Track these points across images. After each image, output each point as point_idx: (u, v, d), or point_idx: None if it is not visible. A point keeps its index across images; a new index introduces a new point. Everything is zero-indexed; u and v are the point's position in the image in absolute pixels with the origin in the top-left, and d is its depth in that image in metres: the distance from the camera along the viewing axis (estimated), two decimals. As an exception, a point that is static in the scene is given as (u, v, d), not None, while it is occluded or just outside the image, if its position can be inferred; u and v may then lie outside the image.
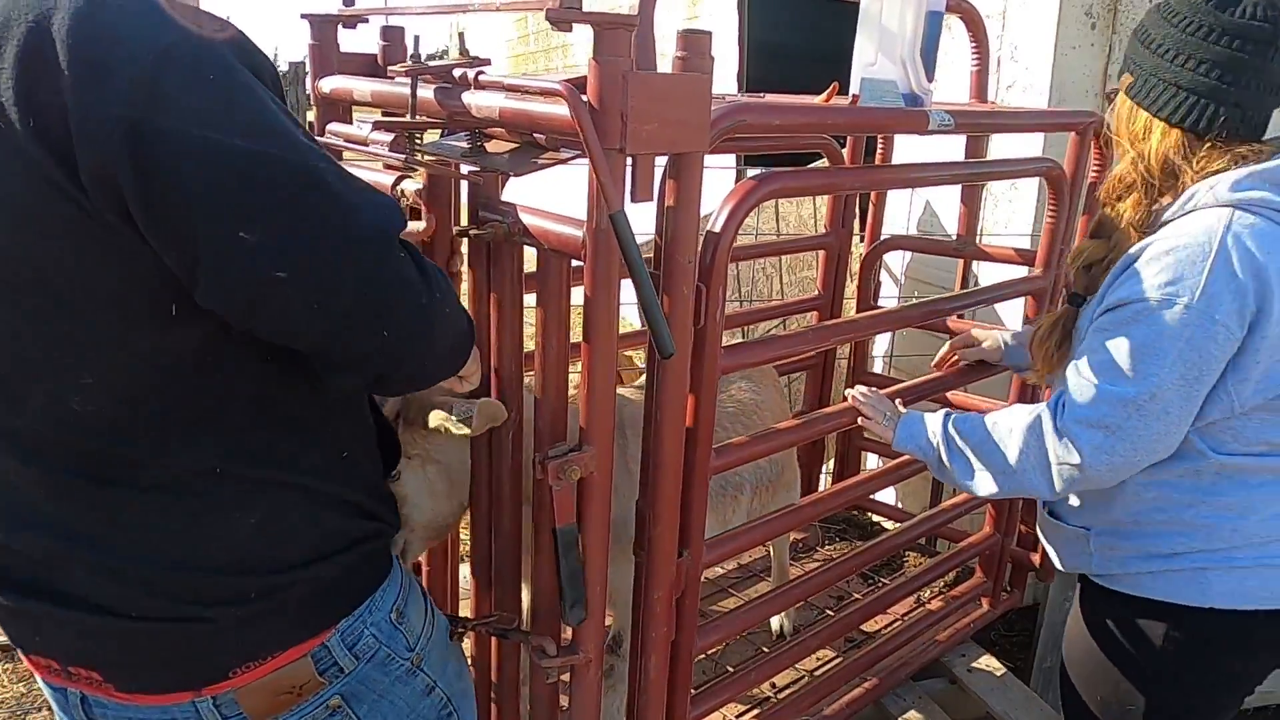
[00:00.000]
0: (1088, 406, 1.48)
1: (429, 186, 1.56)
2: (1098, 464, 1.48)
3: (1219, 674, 1.61)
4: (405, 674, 1.25)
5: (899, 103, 1.76)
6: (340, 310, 0.99)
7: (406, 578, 1.32)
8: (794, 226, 4.04)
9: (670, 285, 1.36)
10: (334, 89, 1.71)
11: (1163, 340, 1.41)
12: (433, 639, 1.32)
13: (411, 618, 1.28)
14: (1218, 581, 1.54)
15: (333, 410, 1.17)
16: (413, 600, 1.30)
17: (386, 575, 1.25)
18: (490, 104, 1.32)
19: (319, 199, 0.95)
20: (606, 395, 1.36)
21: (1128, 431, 1.45)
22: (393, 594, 1.25)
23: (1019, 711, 2.37)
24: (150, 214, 0.89)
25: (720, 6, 5.45)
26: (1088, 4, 2.76)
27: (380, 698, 1.22)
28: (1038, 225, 2.84)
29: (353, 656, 1.19)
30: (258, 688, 1.13)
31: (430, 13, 1.62)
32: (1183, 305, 1.40)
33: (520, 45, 10.40)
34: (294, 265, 0.94)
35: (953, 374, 2.19)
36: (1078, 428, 1.49)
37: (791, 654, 2.08)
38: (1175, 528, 1.56)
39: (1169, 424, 1.45)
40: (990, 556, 2.56)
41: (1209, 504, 1.53)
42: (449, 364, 1.25)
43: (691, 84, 1.24)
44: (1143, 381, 1.43)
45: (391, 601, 1.25)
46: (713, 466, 1.59)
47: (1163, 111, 1.50)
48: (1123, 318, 1.46)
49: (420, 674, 1.28)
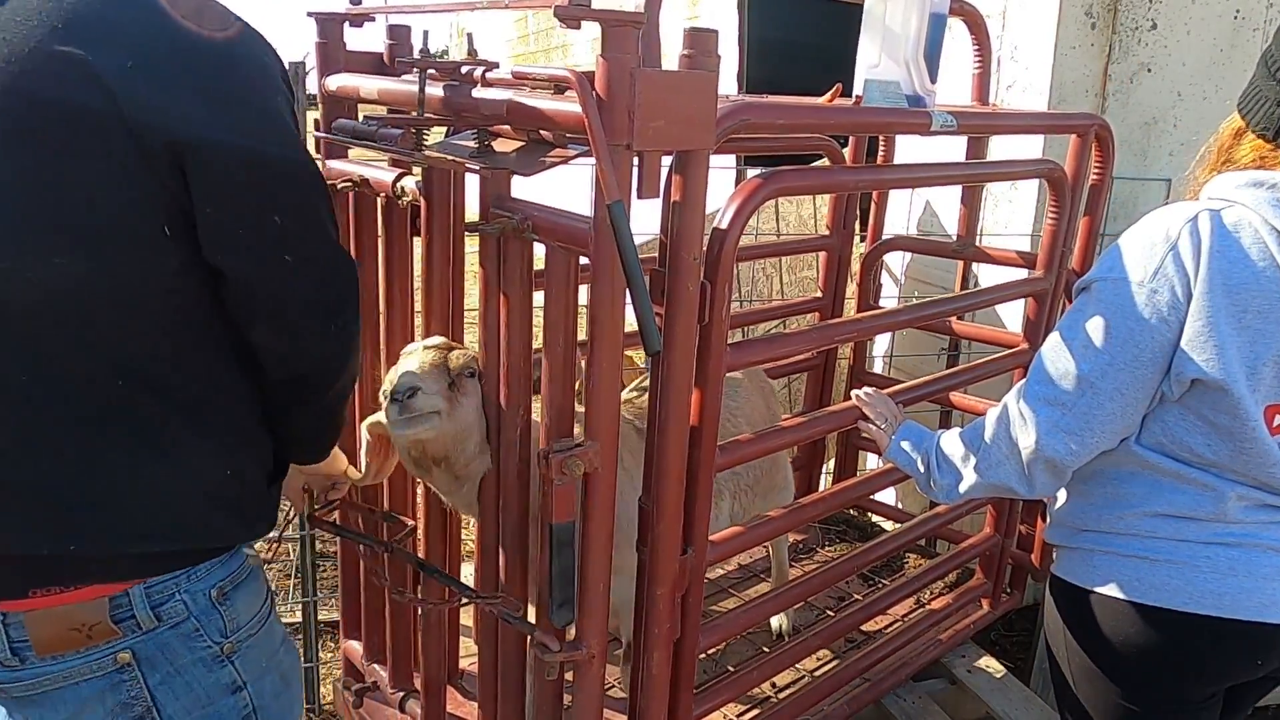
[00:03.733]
0: (1044, 384, 1.47)
1: (426, 181, 1.57)
2: (1053, 442, 1.45)
3: (1123, 665, 1.55)
4: (211, 659, 1.24)
5: (902, 104, 1.76)
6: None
7: (251, 569, 1.31)
8: (794, 227, 4.04)
9: (675, 282, 1.37)
10: (340, 86, 1.71)
11: (1113, 318, 1.41)
12: (258, 642, 1.30)
13: (238, 606, 1.27)
14: (1102, 565, 1.53)
15: (213, 389, 1.20)
16: (247, 592, 1.29)
17: (222, 553, 1.25)
18: (498, 100, 1.32)
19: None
20: (612, 391, 1.36)
21: (1080, 409, 1.44)
22: (222, 573, 1.25)
23: (1019, 711, 2.37)
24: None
25: (720, 6, 5.45)
26: (1088, 4, 2.77)
27: (176, 673, 1.21)
28: (1038, 226, 2.85)
29: (154, 616, 1.18)
30: (48, 616, 1.14)
31: (437, 10, 1.63)
32: (1135, 284, 1.39)
33: (520, 45, 10.41)
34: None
35: (952, 373, 2.20)
36: (1035, 405, 1.47)
37: (792, 654, 2.09)
38: (1076, 500, 1.58)
39: (1124, 404, 1.43)
40: (990, 558, 2.57)
41: (1113, 487, 1.52)
42: (337, 413, 1.41)
43: (698, 82, 1.25)
44: (1095, 358, 1.42)
45: (218, 579, 1.24)
46: (717, 464, 1.60)
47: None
48: (1086, 298, 1.46)
49: (229, 667, 1.26)
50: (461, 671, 2.19)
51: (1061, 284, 2.29)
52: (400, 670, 2.05)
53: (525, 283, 1.44)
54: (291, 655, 1.40)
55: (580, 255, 1.34)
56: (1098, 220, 2.34)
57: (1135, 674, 1.55)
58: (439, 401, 1.47)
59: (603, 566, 1.42)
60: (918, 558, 2.95)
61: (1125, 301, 1.40)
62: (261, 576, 1.35)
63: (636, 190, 1.24)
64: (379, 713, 2.12)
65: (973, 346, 2.94)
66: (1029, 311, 2.32)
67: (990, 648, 2.75)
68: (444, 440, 1.52)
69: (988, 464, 1.56)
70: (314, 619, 2.81)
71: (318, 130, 1.68)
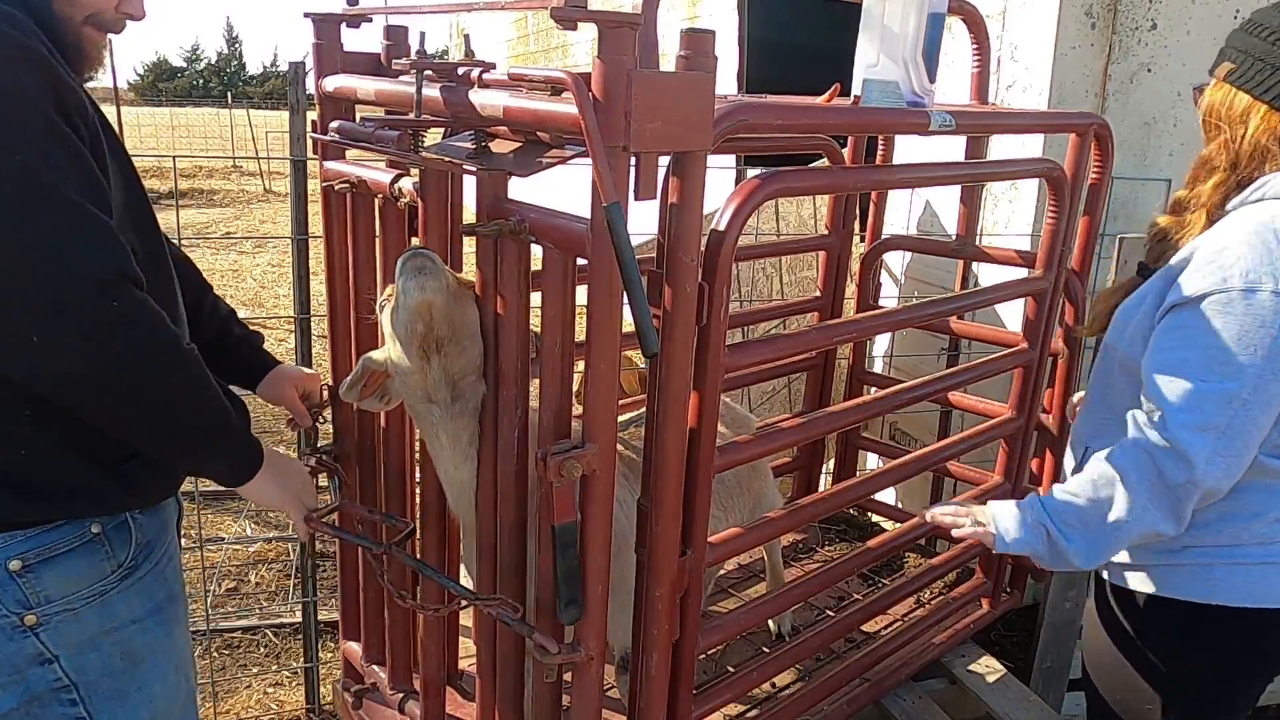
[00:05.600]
0: (1191, 411, 1.40)
1: (423, 182, 1.57)
2: (1214, 471, 1.38)
3: (1229, 673, 1.60)
4: (10, 628, 1.28)
5: (901, 103, 1.76)
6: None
7: (85, 545, 1.33)
8: (794, 227, 4.04)
9: (673, 283, 1.37)
10: (337, 88, 1.71)
11: (1253, 330, 1.38)
12: (82, 618, 1.33)
13: (47, 581, 1.30)
14: (1224, 578, 1.53)
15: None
16: (65, 567, 1.31)
17: (21, 527, 1.28)
18: (495, 102, 1.32)
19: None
20: (609, 393, 1.36)
21: (1237, 429, 1.38)
22: (23, 546, 1.28)
23: (1019, 711, 2.37)
24: None
25: (720, 6, 5.45)
26: (1088, 4, 2.77)
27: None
28: (1037, 225, 2.85)
29: None
30: None
31: (435, 11, 1.62)
32: (1268, 292, 1.38)
33: (520, 45, 10.41)
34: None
35: (952, 373, 2.19)
36: (1186, 435, 1.39)
37: (792, 654, 2.09)
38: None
39: (1271, 416, 1.41)
40: (990, 557, 2.57)
41: (1228, 502, 1.48)
42: (162, 435, 1.33)
43: (695, 83, 1.25)
44: (1242, 374, 1.38)
45: (19, 551, 1.27)
46: (716, 465, 1.60)
47: (1268, 94, 1.48)
48: (1202, 312, 1.42)
49: (32, 638, 1.30)
50: (461, 672, 2.19)
51: (1061, 283, 2.29)
52: (399, 671, 2.05)
53: (522, 284, 1.44)
54: (153, 636, 1.41)
55: (578, 257, 1.34)
56: (1097, 220, 2.33)
57: (1248, 678, 1.60)
58: (448, 279, 1.46)
59: (601, 568, 1.42)
60: (918, 558, 2.95)
61: (1261, 311, 1.38)
62: (102, 553, 1.36)
63: (634, 191, 1.24)
64: (378, 714, 2.12)
65: (973, 346, 2.94)
66: (1028, 311, 2.31)
67: (990, 648, 2.74)
68: (451, 319, 1.47)
69: (1130, 519, 1.46)
70: (314, 619, 2.81)
71: (315, 131, 1.68)
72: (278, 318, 7.35)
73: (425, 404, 1.54)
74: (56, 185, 1.16)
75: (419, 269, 1.42)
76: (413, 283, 1.41)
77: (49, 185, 1.15)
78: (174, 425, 1.32)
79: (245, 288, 8.93)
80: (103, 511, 1.36)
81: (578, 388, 1.50)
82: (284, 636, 3.25)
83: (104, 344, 1.19)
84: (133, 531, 1.39)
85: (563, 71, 1.18)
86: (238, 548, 3.82)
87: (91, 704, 1.36)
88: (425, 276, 1.42)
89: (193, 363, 1.31)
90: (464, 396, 1.54)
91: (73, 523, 1.32)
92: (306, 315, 2.57)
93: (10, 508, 1.28)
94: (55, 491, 1.31)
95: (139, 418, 1.28)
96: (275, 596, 3.53)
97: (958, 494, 2.49)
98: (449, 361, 1.49)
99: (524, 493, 1.53)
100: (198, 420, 1.33)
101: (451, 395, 1.53)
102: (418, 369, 1.49)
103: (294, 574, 3.61)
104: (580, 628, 1.45)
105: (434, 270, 1.42)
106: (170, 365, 1.27)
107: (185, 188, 15.96)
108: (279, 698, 2.96)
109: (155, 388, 1.26)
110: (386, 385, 1.61)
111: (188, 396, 1.30)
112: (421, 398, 1.54)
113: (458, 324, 1.48)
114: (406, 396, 1.58)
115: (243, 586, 3.61)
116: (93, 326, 1.18)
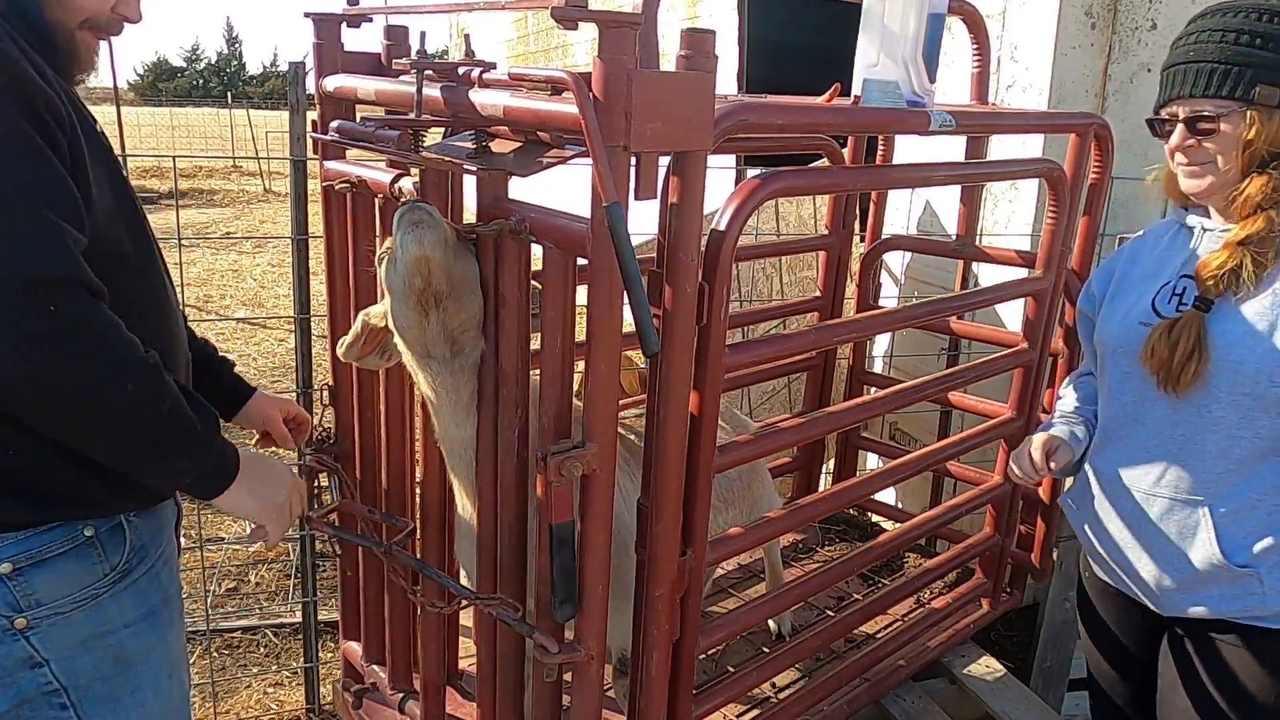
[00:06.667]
0: None
1: (423, 182, 1.57)
2: None
3: None
4: (0, 631, 1.27)
5: (901, 103, 1.76)
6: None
7: (76, 548, 1.31)
8: (794, 227, 4.04)
9: (673, 283, 1.37)
10: (337, 87, 1.71)
11: None
12: (73, 621, 1.32)
13: (37, 585, 1.28)
14: None
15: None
16: (55, 571, 1.30)
17: (12, 530, 1.26)
18: (495, 101, 1.32)
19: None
20: (610, 393, 1.36)
21: None
22: (13, 550, 1.26)
23: (1019, 711, 2.37)
24: None
25: (720, 6, 5.45)
26: (1088, 4, 2.77)
27: None
28: (1037, 225, 2.85)
29: None
30: None
31: (435, 11, 1.63)
32: None
33: (520, 45, 10.41)
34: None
35: (952, 373, 2.19)
36: None
37: (792, 654, 2.09)
38: None
39: None
40: (990, 557, 2.57)
41: None
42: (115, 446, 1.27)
43: (695, 83, 1.25)
44: None
45: (7, 554, 1.26)
46: (716, 465, 1.60)
47: None
48: None
49: (22, 642, 1.28)
50: (461, 672, 2.19)
51: (1061, 283, 2.29)
52: (399, 671, 2.05)
53: (523, 284, 1.44)
54: (146, 640, 1.40)
55: (578, 256, 1.34)
56: (1097, 220, 2.33)
57: None
58: (446, 232, 1.41)
59: (601, 568, 1.42)
60: (918, 558, 2.95)
61: None
62: (95, 556, 1.34)
63: (634, 191, 1.24)
64: (378, 713, 2.12)
65: (973, 346, 2.94)
66: (1028, 311, 2.31)
67: (990, 648, 2.74)
68: (450, 273, 1.43)
69: None
70: (314, 619, 2.81)
71: (315, 131, 1.68)
72: (278, 318, 7.35)
73: (424, 359, 1.51)
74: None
75: (416, 222, 1.37)
76: (410, 236, 1.37)
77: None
78: (127, 436, 1.24)
79: (245, 288, 8.93)
80: (96, 514, 1.33)
81: (578, 388, 1.50)
82: (284, 636, 3.25)
83: (37, 351, 1.12)
84: (127, 534, 1.37)
85: (563, 71, 1.18)
86: (238, 548, 3.82)
87: (83, 708, 1.34)
88: (423, 230, 1.37)
89: (149, 371, 1.23)
90: (464, 352, 1.51)
91: (65, 525, 1.30)
92: (306, 315, 2.57)
93: (0, 510, 1.26)
94: (47, 494, 1.29)
95: (89, 429, 1.21)
96: (275, 596, 3.53)
97: (958, 494, 2.49)
98: (448, 316, 1.46)
99: (524, 493, 1.53)
100: (155, 431, 1.26)
101: (451, 350, 1.49)
102: (416, 324, 1.46)
103: (294, 574, 3.61)
104: (580, 627, 1.45)
105: (432, 223, 1.38)
106: (123, 375, 1.20)
107: (185, 188, 15.98)
108: (279, 698, 2.96)
109: (105, 399, 1.19)
110: (385, 341, 1.57)
111: (141, 407, 1.23)
112: (420, 353, 1.50)
113: (457, 278, 1.44)
114: (405, 352, 1.54)
115: (243, 586, 3.61)
116: (21, 334, 1.11)
